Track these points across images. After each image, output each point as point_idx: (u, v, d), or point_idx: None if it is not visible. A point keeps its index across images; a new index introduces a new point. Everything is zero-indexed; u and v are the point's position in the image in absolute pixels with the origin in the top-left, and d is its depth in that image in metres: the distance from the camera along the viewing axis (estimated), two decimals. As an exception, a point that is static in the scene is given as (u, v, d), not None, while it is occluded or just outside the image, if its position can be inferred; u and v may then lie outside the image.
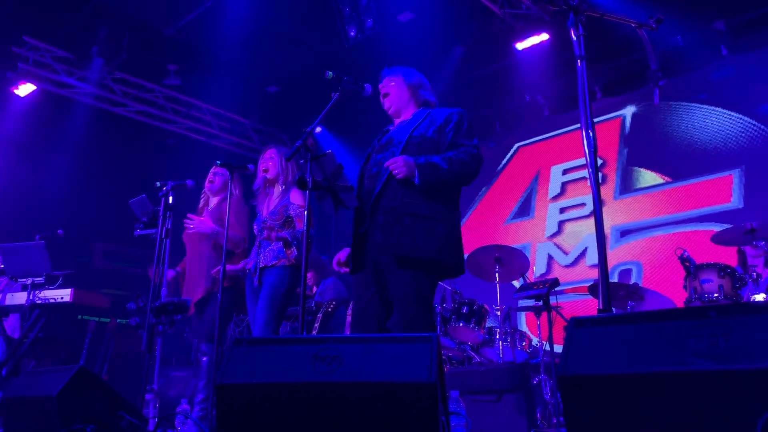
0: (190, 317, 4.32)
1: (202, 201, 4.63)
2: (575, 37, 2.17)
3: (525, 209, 7.53)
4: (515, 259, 5.18)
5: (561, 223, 7.12)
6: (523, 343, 5.09)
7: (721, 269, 4.23)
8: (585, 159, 2.09)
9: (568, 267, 6.85)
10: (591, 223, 6.72)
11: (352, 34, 6.83)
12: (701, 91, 6.38)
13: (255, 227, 4.11)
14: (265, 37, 7.13)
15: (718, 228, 5.18)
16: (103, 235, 8.51)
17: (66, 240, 5.16)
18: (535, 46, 6.80)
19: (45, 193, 7.56)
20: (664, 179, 6.46)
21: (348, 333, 4.57)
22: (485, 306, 5.02)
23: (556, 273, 6.77)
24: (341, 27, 6.85)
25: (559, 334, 4.57)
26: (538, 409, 4.10)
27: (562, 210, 7.15)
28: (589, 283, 5.04)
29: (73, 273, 4.98)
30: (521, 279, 5.21)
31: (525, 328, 6.45)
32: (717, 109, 6.25)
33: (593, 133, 2.08)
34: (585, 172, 6.95)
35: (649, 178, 6.58)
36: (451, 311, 4.96)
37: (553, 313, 4.23)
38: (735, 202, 5.86)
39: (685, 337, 1.41)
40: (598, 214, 2.01)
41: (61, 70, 7.37)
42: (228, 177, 4.05)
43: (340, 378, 1.75)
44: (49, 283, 4.73)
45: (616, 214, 6.64)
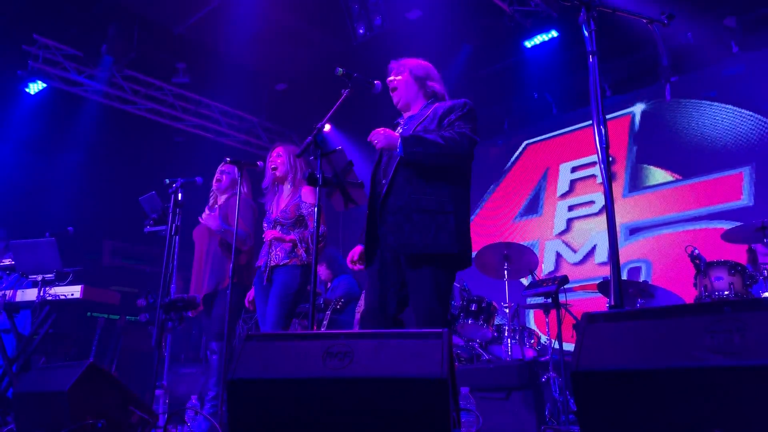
0: (199, 315, 4.33)
1: (211, 200, 4.62)
2: (587, 33, 2.16)
3: (533, 207, 7.51)
4: (524, 257, 5.18)
5: (569, 221, 7.09)
6: (532, 341, 5.08)
7: (732, 267, 4.21)
8: (595, 156, 2.08)
9: (576, 265, 6.83)
10: (599, 221, 6.70)
11: (361, 31, 6.83)
12: (711, 89, 6.34)
13: (265, 225, 4.11)
14: (274, 35, 7.13)
15: (728, 226, 5.14)
16: (113, 232, 8.56)
17: (76, 237, 5.18)
18: (543, 43, 6.80)
19: (55, 190, 7.60)
20: (674, 177, 6.42)
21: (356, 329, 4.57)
22: (494, 303, 5.02)
23: (565, 271, 6.75)
24: (350, 25, 6.85)
25: (568, 331, 4.56)
26: (547, 407, 4.09)
27: (571, 208, 7.13)
28: (597, 281, 5.02)
29: (83, 270, 5.00)
30: (530, 276, 5.20)
31: (533, 326, 6.45)
32: (727, 106, 6.21)
33: (605, 130, 2.07)
34: (593, 170, 6.93)
35: (658, 175, 6.54)
36: (459, 308, 4.96)
37: (562, 310, 4.21)
38: (745, 199, 5.83)
39: (699, 332, 1.40)
40: (610, 210, 2.00)
41: (71, 68, 7.40)
42: (235, 175, 4.05)
43: (352, 373, 1.76)
44: (60, 279, 4.75)
45: (625, 212, 6.60)
